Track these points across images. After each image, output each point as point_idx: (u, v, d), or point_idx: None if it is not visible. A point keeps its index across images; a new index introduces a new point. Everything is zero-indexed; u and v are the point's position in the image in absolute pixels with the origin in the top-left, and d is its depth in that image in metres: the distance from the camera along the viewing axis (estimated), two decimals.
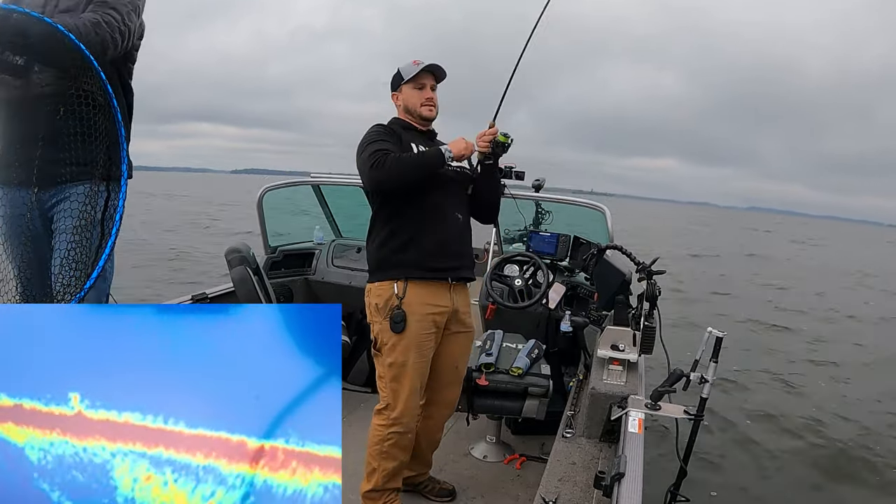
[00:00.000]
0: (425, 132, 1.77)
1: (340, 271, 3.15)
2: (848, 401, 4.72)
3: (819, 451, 3.72)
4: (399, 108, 1.77)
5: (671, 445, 1.78)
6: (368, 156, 1.57)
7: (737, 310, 8.21)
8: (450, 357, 1.78)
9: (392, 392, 1.67)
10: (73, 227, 1.27)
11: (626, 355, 1.86)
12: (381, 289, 1.66)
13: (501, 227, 3.44)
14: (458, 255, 1.73)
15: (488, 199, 1.82)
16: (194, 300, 2.62)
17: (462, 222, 1.75)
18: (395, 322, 1.62)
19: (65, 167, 1.29)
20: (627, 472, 1.23)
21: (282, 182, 3.13)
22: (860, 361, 6.01)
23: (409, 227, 1.66)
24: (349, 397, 2.76)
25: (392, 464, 1.70)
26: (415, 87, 1.72)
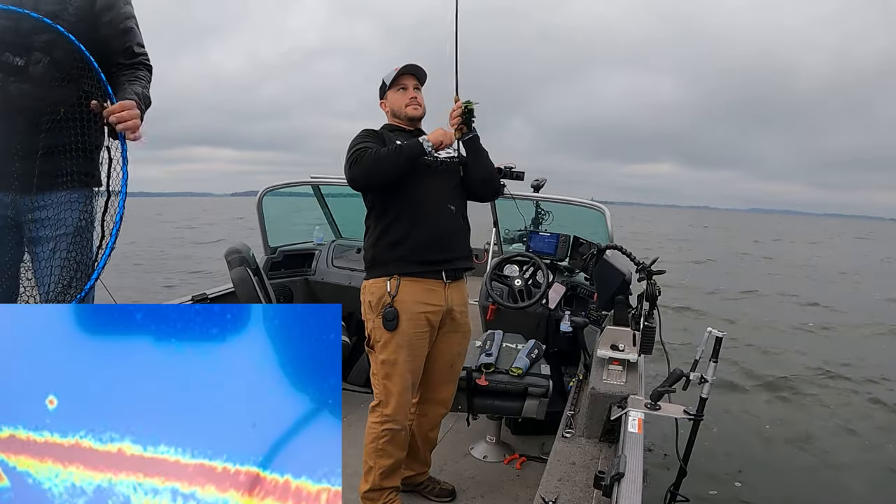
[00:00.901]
0: (413, 132, 1.78)
1: (340, 271, 3.15)
2: (853, 404, 4.72)
3: (819, 452, 3.73)
4: (388, 115, 1.80)
5: (671, 445, 1.78)
6: (348, 156, 1.60)
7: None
8: (445, 355, 1.78)
9: (384, 389, 1.68)
10: (73, 231, 1.27)
11: (625, 355, 1.86)
12: (374, 286, 1.67)
13: (501, 228, 3.44)
14: (451, 248, 1.72)
15: (481, 174, 1.78)
16: (194, 300, 2.62)
17: (455, 214, 1.74)
18: (388, 320, 1.63)
19: (62, 173, 1.27)
20: (627, 472, 1.23)
21: (282, 183, 3.14)
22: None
23: (402, 222, 1.66)
24: (349, 397, 2.76)
25: (388, 461, 1.70)
26: (397, 89, 1.75)
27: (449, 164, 1.76)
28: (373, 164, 1.57)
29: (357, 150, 1.59)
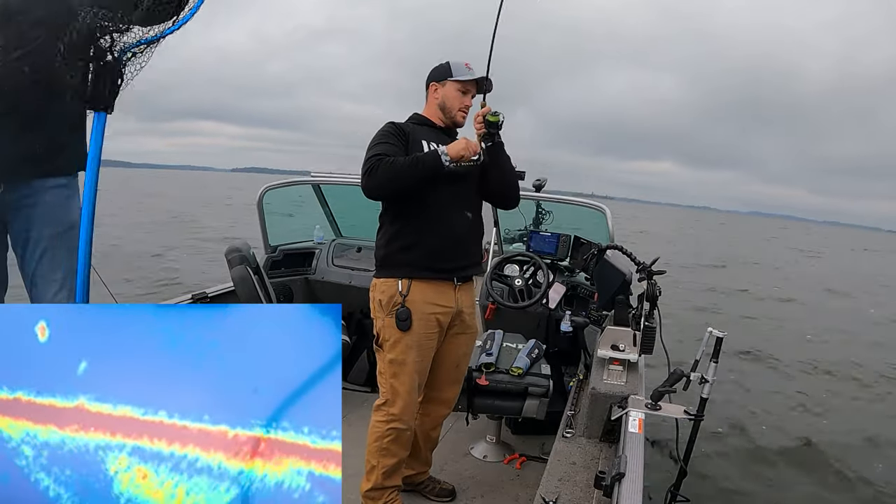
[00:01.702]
0: (443, 128, 1.72)
1: (340, 271, 3.15)
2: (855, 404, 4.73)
3: (819, 451, 3.73)
4: (434, 100, 1.71)
5: (671, 446, 1.77)
6: (366, 162, 1.55)
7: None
8: (452, 356, 1.78)
9: (391, 388, 1.67)
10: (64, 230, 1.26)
11: (626, 355, 1.86)
12: (385, 285, 1.65)
13: (501, 227, 3.44)
14: (464, 255, 1.70)
15: (501, 182, 1.72)
16: (194, 300, 2.62)
17: (471, 220, 1.71)
18: (401, 320, 1.60)
19: (44, 159, 1.25)
20: (627, 472, 1.23)
21: (282, 181, 3.13)
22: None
23: (416, 226, 1.63)
24: (349, 397, 2.76)
25: (391, 460, 1.70)
26: (460, 88, 1.68)
27: (468, 170, 1.69)
28: (388, 179, 1.52)
29: (373, 159, 1.53)
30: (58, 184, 1.33)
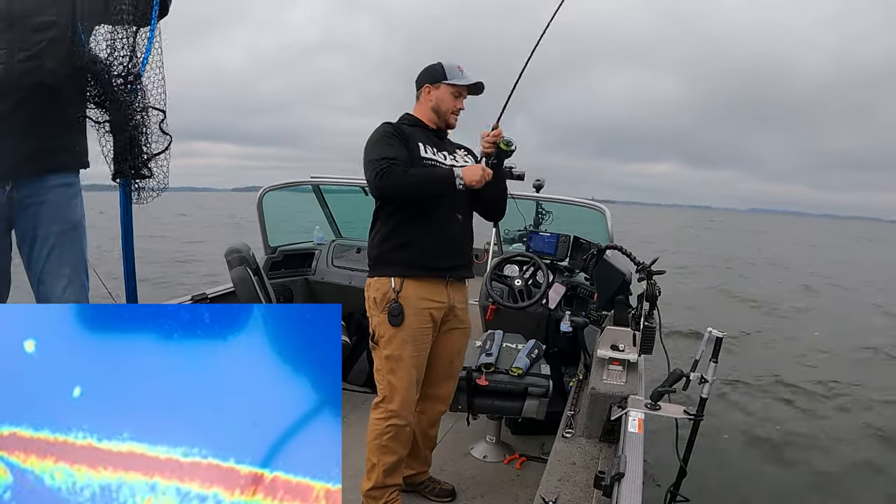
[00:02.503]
0: (436, 131, 1.76)
1: (340, 271, 3.15)
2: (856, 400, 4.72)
3: (819, 450, 3.73)
4: (428, 102, 1.74)
5: (671, 445, 1.78)
6: (375, 163, 1.56)
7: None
8: (445, 352, 1.79)
9: (389, 385, 1.68)
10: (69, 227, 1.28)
11: (626, 355, 1.86)
12: (379, 283, 1.67)
13: (501, 227, 3.44)
14: (457, 255, 1.74)
15: (493, 200, 1.81)
16: (194, 300, 2.62)
17: (462, 222, 1.75)
18: (393, 315, 1.63)
19: (48, 155, 1.28)
20: (627, 472, 1.23)
21: (281, 182, 3.14)
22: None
23: (410, 226, 1.66)
24: (349, 397, 2.76)
25: (392, 458, 1.70)
26: (453, 92, 1.71)
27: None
28: (403, 187, 1.56)
29: (385, 161, 1.55)
30: (62, 182, 1.35)
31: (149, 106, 1.28)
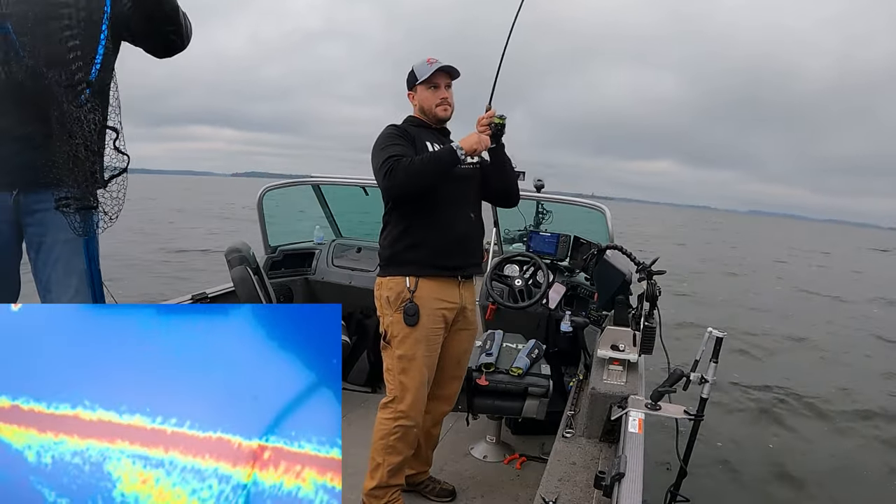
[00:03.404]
0: (439, 130, 1.78)
1: (340, 271, 3.15)
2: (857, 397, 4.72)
3: (820, 450, 3.73)
4: (415, 108, 1.78)
5: (671, 445, 1.78)
6: (381, 163, 1.57)
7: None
8: (454, 352, 1.80)
9: (400, 385, 1.68)
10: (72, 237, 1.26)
11: (626, 355, 1.86)
12: (393, 282, 1.67)
13: (501, 227, 3.44)
14: (468, 254, 1.75)
15: (503, 183, 1.80)
16: (194, 300, 2.62)
17: (474, 220, 1.76)
18: (409, 315, 1.63)
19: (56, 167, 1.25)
20: (627, 472, 1.23)
21: (282, 182, 3.13)
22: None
23: (422, 226, 1.67)
24: (349, 397, 2.76)
25: (397, 459, 1.70)
26: (428, 87, 1.72)
27: (473, 171, 1.77)
28: (410, 177, 1.55)
29: (390, 160, 1.56)
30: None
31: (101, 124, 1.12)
